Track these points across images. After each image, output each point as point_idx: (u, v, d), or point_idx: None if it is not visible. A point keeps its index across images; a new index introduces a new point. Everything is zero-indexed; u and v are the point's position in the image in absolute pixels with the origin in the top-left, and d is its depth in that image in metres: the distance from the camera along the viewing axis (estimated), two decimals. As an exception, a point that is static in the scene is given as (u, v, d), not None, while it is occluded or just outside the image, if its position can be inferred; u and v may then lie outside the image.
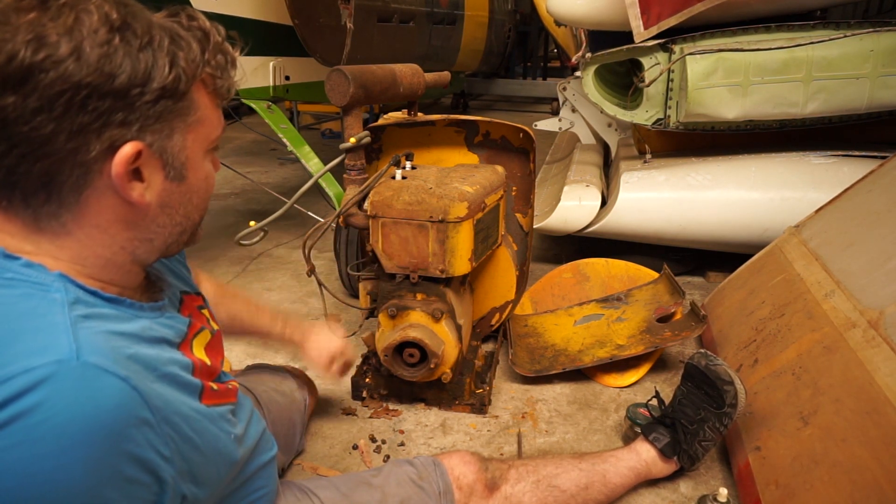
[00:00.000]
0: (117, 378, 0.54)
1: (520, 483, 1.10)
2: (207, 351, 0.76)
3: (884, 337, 1.11)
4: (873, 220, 1.47)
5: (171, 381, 0.64)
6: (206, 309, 0.87)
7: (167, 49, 0.59)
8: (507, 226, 1.80)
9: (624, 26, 2.17)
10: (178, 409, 0.63)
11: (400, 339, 1.38)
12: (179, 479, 0.63)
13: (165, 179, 0.65)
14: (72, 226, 0.61)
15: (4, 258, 0.59)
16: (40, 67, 0.53)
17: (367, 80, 1.39)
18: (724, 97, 2.06)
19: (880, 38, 1.97)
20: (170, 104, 0.61)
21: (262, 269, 2.46)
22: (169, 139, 0.63)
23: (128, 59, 0.56)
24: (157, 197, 0.65)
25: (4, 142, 0.55)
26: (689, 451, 1.22)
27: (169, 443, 0.60)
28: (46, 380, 0.50)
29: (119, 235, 0.64)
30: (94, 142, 0.57)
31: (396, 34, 3.43)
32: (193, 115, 0.64)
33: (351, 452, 1.38)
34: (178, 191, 0.67)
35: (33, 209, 0.59)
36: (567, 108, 3.86)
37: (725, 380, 1.19)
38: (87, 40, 0.54)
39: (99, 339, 0.56)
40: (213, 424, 0.71)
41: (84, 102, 0.55)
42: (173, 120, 0.62)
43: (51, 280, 0.59)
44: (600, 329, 1.77)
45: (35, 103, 0.53)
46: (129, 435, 0.55)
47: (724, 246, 2.19)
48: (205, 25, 0.64)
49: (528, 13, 7.06)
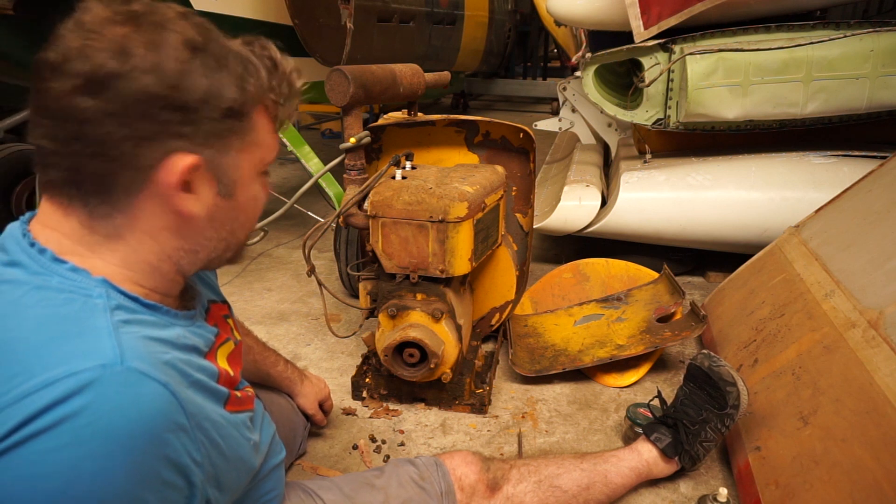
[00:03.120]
0: (158, 383, 0.56)
1: (521, 483, 1.10)
2: (230, 360, 0.78)
3: (884, 337, 1.11)
4: (873, 220, 1.47)
5: (201, 388, 0.65)
6: (231, 318, 0.88)
7: (239, 73, 0.64)
8: (507, 226, 1.80)
9: (624, 26, 2.17)
10: (209, 416, 0.65)
11: (400, 339, 1.38)
12: (206, 484, 0.64)
13: (216, 195, 0.67)
14: (123, 229, 0.63)
15: (52, 261, 0.61)
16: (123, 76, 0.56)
17: (367, 80, 1.39)
18: (724, 97, 2.06)
19: (880, 38, 1.97)
20: (232, 123, 0.64)
21: (262, 269, 2.46)
22: (225, 156, 0.66)
23: (203, 79, 0.60)
24: (206, 210, 0.67)
25: (77, 141, 0.58)
26: (691, 451, 1.22)
27: (201, 448, 0.62)
28: (92, 383, 0.52)
29: (167, 244, 0.66)
30: (156, 149, 0.60)
31: (396, 34, 3.43)
32: (251, 137, 0.67)
33: (351, 452, 1.38)
34: (227, 207, 0.69)
35: (90, 209, 0.62)
36: (567, 108, 3.86)
37: (728, 381, 1.19)
38: (167, 56, 0.58)
39: (140, 344, 0.58)
40: (237, 431, 0.72)
41: (154, 112, 0.58)
42: (231, 139, 0.65)
43: (93, 285, 0.60)
44: (600, 329, 1.77)
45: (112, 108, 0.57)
46: (168, 440, 0.56)
47: (724, 246, 2.19)
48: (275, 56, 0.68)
49: (528, 13, 7.06)
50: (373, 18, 3.06)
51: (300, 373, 1.32)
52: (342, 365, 1.74)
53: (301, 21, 2.38)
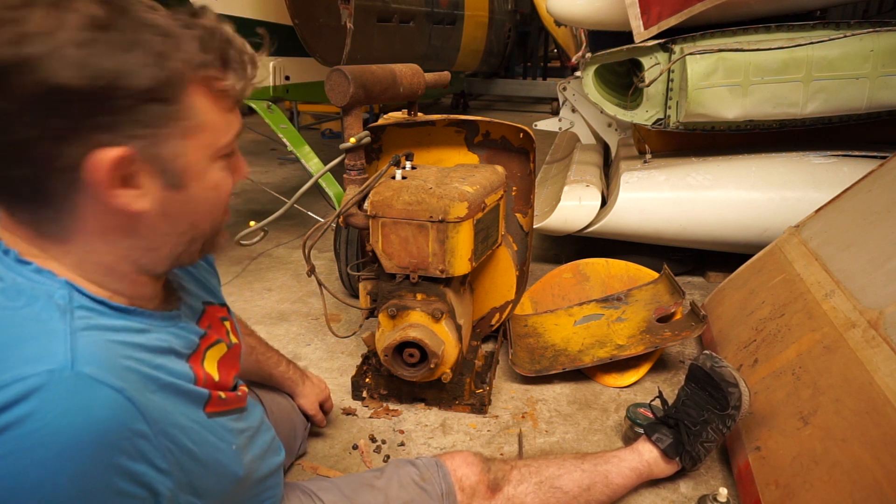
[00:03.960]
0: (112, 389, 0.53)
1: (522, 484, 1.10)
2: (220, 364, 0.75)
3: (883, 337, 1.11)
4: (873, 220, 1.47)
5: (173, 391, 0.63)
6: (230, 321, 0.86)
7: (157, 49, 0.56)
8: (507, 226, 1.80)
9: (624, 26, 2.17)
10: (177, 421, 0.62)
11: (400, 339, 1.38)
12: (178, 491, 0.62)
13: (164, 187, 0.61)
14: (70, 232, 0.59)
15: (16, 262, 0.59)
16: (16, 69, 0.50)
17: (367, 80, 1.39)
18: (724, 97, 2.06)
19: (880, 38, 1.97)
20: (160, 108, 0.57)
21: (262, 269, 2.46)
22: (162, 145, 0.59)
23: (110, 61, 0.53)
24: (157, 205, 0.61)
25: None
26: (692, 451, 1.22)
27: (167, 455, 0.59)
28: (38, 389, 0.50)
29: (118, 244, 0.62)
30: (76, 147, 0.54)
31: (396, 34, 3.43)
32: (190, 121, 0.60)
33: (351, 452, 1.38)
34: (179, 199, 0.63)
35: (31, 213, 0.58)
36: (567, 108, 3.86)
37: (730, 382, 1.19)
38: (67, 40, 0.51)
39: (98, 348, 0.55)
40: (214, 435, 0.69)
41: (63, 106, 0.52)
42: (165, 125, 0.58)
43: (57, 286, 0.58)
44: (600, 329, 1.77)
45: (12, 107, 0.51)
46: (122, 447, 0.54)
47: (724, 246, 2.19)
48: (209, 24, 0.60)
49: (528, 13, 7.06)
50: (373, 18, 3.06)
51: (301, 373, 1.31)
52: (342, 365, 1.74)
53: (301, 21, 2.38)
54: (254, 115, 2.48)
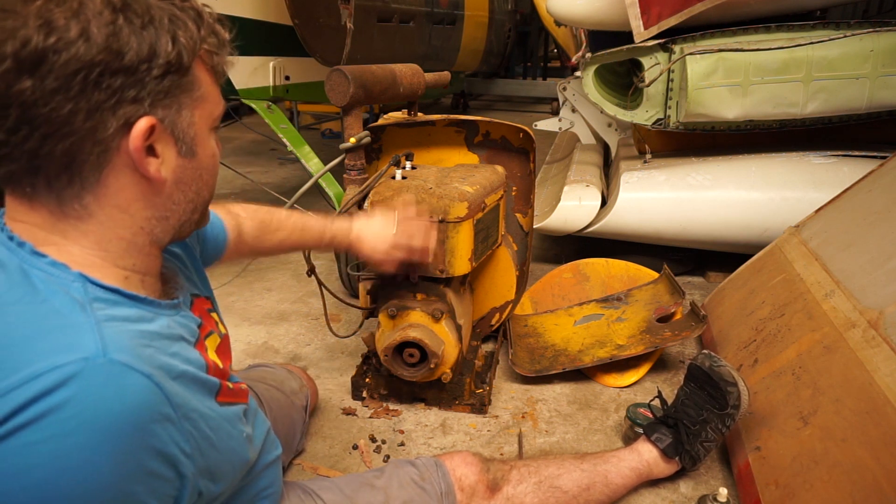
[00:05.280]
0: (142, 375, 0.56)
1: (521, 484, 1.10)
2: (218, 352, 0.78)
3: (884, 337, 1.11)
4: (873, 220, 1.47)
5: (189, 379, 0.65)
6: (215, 312, 0.88)
7: (167, 27, 0.61)
8: (507, 226, 1.80)
9: (624, 26, 2.17)
10: (196, 407, 0.64)
11: (400, 339, 1.38)
12: (198, 475, 0.64)
13: (178, 155, 0.66)
14: (94, 207, 0.62)
15: (32, 255, 0.60)
16: (53, 49, 0.55)
17: (367, 80, 1.39)
18: (724, 97, 2.06)
19: (880, 38, 1.97)
20: (176, 79, 0.63)
21: (262, 269, 2.46)
22: (178, 114, 0.65)
23: (133, 37, 0.58)
24: (172, 173, 0.66)
25: (26, 125, 0.56)
26: (691, 451, 1.22)
27: (189, 439, 0.62)
28: (75, 376, 0.52)
29: (138, 214, 0.65)
30: (110, 119, 0.59)
31: (396, 34, 3.43)
32: (198, 91, 0.66)
33: (351, 452, 1.38)
34: (191, 167, 0.68)
35: (56, 193, 0.61)
36: (567, 108, 3.86)
37: (729, 381, 1.19)
38: (93, 21, 0.56)
39: (122, 336, 0.58)
40: (228, 423, 0.72)
41: (97, 80, 0.57)
42: (180, 95, 0.64)
43: (71, 280, 0.60)
44: (600, 329, 1.77)
45: (52, 84, 0.55)
46: (154, 430, 0.56)
47: (724, 246, 2.19)
48: (197, 5, 0.67)
49: (528, 13, 7.06)
50: (373, 18, 3.06)
51: (352, 225, 1.25)
52: (342, 365, 1.74)
53: (301, 21, 2.38)
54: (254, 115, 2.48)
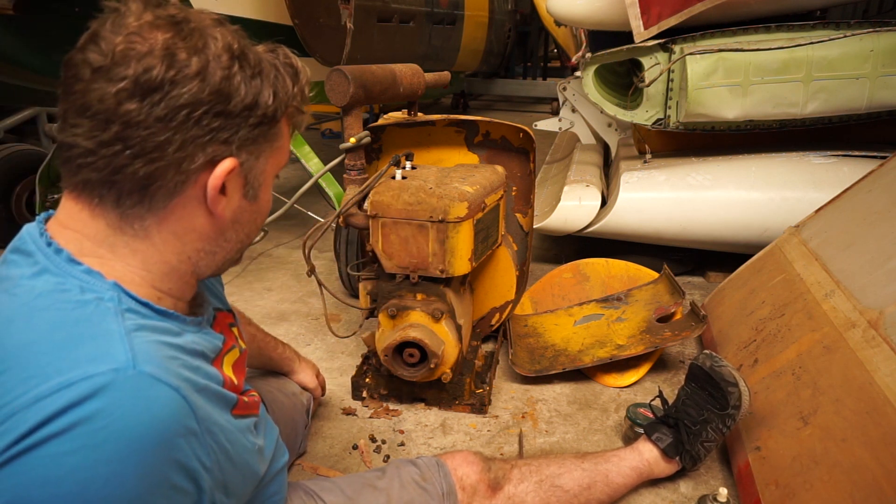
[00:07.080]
0: (170, 388, 0.56)
1: (523, 483, 1.10)
2: (234, 367, 0.78)
3: (883, 337, 1.11)
4: (873, 220, 1.47)
5: (209, 393, 0.65)
6: (236, 327, 0.89)
7: (272, 80, 0.66)
8: (507, 226, 1.80)
9: (624, 26, 2.17)
10: (217, 420, 0.65)
11: (400, 339, 1.38)
12: (214, 488, 0.64)
13: (243, 197, 0.69)
14: (153, 229, 0.64)
15: (68, 262, 0.61)
16: (171, 81, 0.58)
17: (367, 80, 1.39)
18: (724, 97, 2.06)
19: (880, 38, 1.97)
20: (265, 129, 0.67)
21: (262, 269, 2.46)
22: (257, 161, 0.68)
23: (243, 85, 0.63)
24: (233, 213, 0.69)
25: (120, 143, 0.58)
26: (692, 451, 1.22)
27: (210, 453, 0.62)
28: (106, 387, 0.52)
29: (190, 245, 0.67)
30: (199, 154, 0.62)
31: (396, 34, 3.43)
32: (278, 143, 0.70)
33: (351, 452, 1.38)
34: (250, 209, 0.71)
35: (122, 210, 0.62)
36: (567, 108, 3.86)
37: (730, 381, 1.19)
38: (211, 63, 0.60)
39: (151, 348, 0.58)
40: (242, 436, 0.73)
41: (200, 118, 0.60)
42: (264, 143, 0.68)
43: (105, 288, 0.60)
44: (600, 329, 1.77)
45: (159, 112, 0.58)
46: (179, 444, 0.57)
47: (724, 246, 2.19)
48: (297, 64, 0.71)
49: (528, 13, 7.06)
50: (373, 18, 3.06)
51: (295, 353, 1.38)
52: (342, 365, 1.74)
53: (301, 21, 2.38)
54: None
